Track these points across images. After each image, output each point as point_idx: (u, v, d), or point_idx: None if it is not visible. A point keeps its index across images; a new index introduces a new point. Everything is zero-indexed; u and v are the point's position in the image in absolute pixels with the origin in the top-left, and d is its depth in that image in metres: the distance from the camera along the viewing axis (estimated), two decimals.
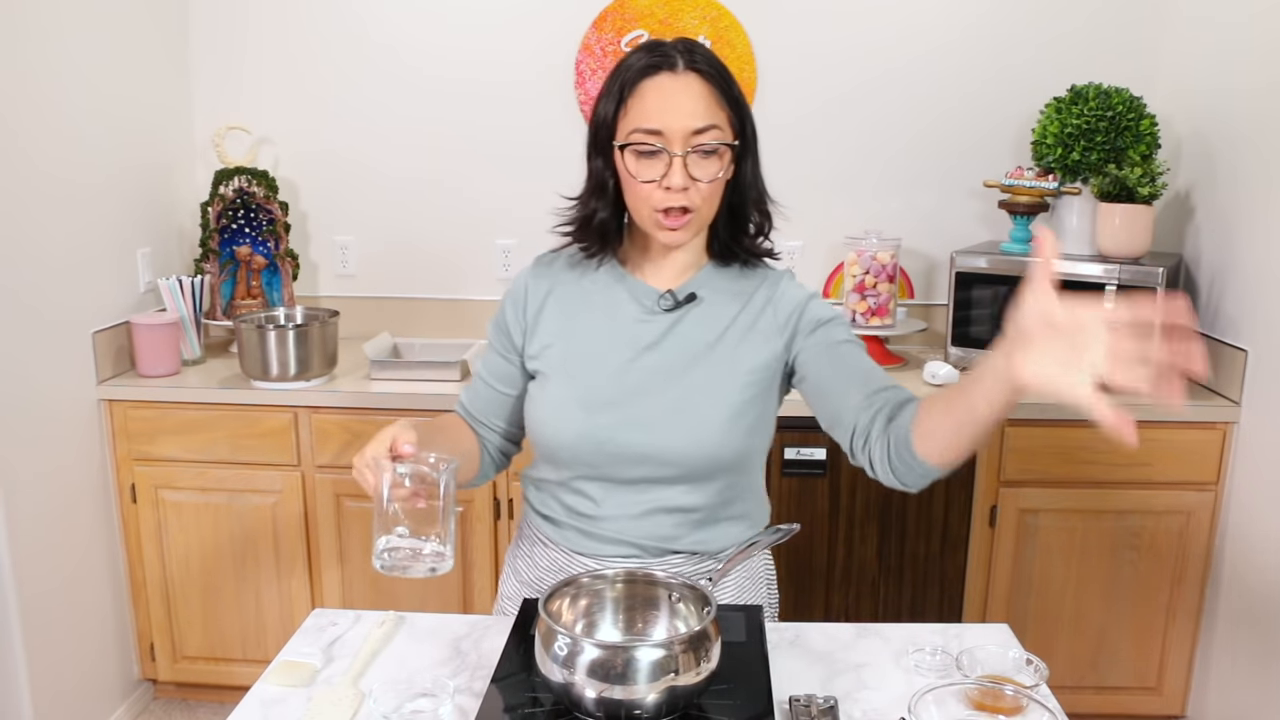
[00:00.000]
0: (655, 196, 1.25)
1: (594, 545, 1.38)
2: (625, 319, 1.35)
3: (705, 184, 1.26)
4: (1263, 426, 2.29)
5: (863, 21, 2.81)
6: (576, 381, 1.34)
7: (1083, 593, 2.48)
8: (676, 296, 1.35)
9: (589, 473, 1.35)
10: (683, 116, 1.23)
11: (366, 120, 2.94)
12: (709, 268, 1.38)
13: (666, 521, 1.35)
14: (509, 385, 1.43)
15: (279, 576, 2.58)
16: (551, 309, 1.39)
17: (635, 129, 1.25)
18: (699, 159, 1.25)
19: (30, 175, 2.27)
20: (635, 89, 1.25)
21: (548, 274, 1.41)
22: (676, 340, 1.34)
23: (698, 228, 1.31)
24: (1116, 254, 2.44)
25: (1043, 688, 1.22)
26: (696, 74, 1.25)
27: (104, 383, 2.52)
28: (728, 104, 1.27)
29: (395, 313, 3.03)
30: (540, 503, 1.44)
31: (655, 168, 1.25)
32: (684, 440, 1.30)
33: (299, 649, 1.34)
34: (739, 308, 1.35)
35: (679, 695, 1.09)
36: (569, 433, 1.33)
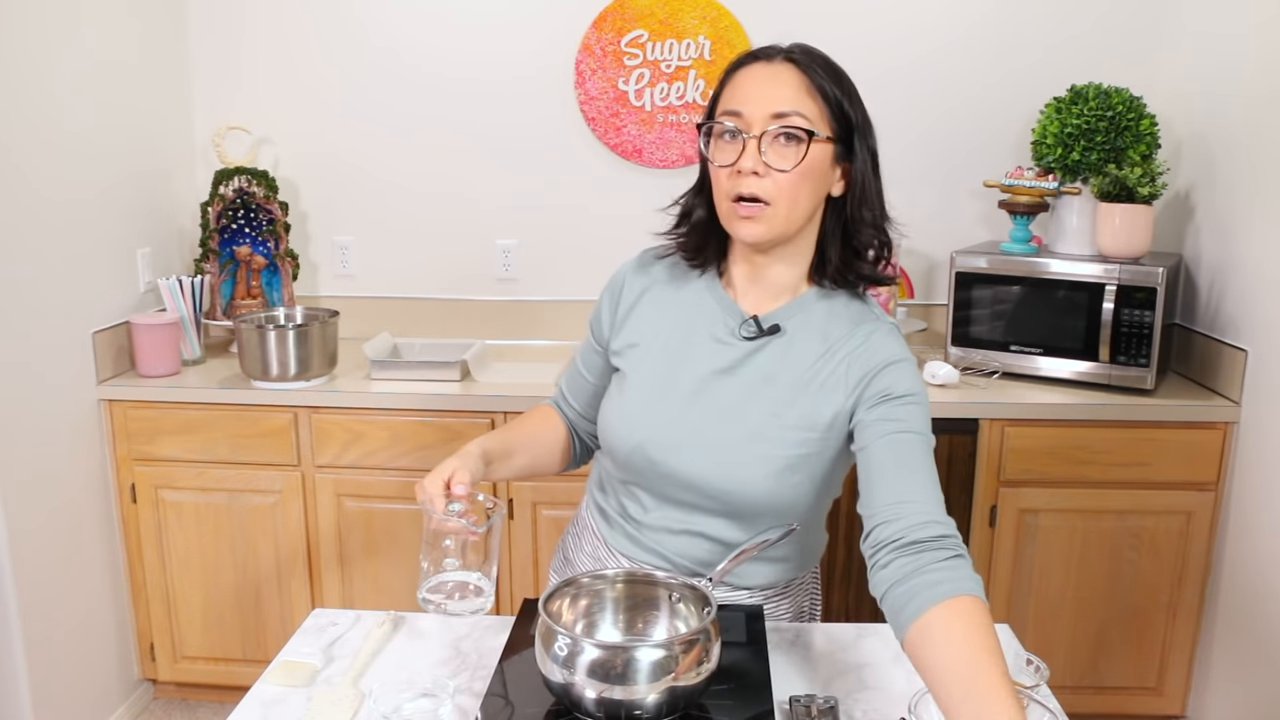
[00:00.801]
0: (729, 183, 1.21)
1: (635, 550, 1.38)
2: (706, 336, 1.30)
3: (781, 174, 1.19)
4: (1263, 426, 2.29)
5: (863, 22, 2.81)
6: (645, 392, 1.31)
7: (1083, 593, 2.48)
8: (760, 324, 1.28)
9: (641, 481, 1.34)
10: (764, 100, 1.19)
11: (367, 120, 2.94)
12: (807, 295, 1.29)
13: (704, 546, 1.32)
14: (595, 375, 1.44)
15: (279, 576, 2.58)
16: (643, 308, 1.35)
17: (721, 110, 1.23)
18: (778, 145, 1.19)
19: (30, 176, 2.27)
20: (730, 77, 1.24)
21: (648, 272, 1.38)
22: (749, 372, 1.27)
23: (776, 226, 1.21)
24: (1116, 254, 2.44)
25: (1043, 688, 1.22)
26: (791, 64, 1.21)
27: (104, 383, 2.52)
28: (823, 99, 1.21)
29: (395, 313, 3.03)
30: (601, 497, 1.44)
31: (732, 150, 1.21)
32: (730, 483, 1.26)
33: (299, 649, 1.34)
34: (822, 351, 1.26)
35: (679, 695, 1.09)
36: (628, 442, 1.31)
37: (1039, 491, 2.42)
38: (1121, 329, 2.42)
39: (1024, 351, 2.54)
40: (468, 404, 2.44)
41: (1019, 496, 2.42)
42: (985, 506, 2.44)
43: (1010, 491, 2.42)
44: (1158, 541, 2.44)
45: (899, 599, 1.05)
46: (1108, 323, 2.43)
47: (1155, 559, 2.45)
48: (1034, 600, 2.48)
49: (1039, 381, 2.53)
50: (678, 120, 2.86)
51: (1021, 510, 2.43)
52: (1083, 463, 2.39)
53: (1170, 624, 2.49)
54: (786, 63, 1.21)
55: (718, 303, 1.31)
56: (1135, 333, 2.41)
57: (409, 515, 2.52)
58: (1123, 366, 2.43)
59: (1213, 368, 2.48)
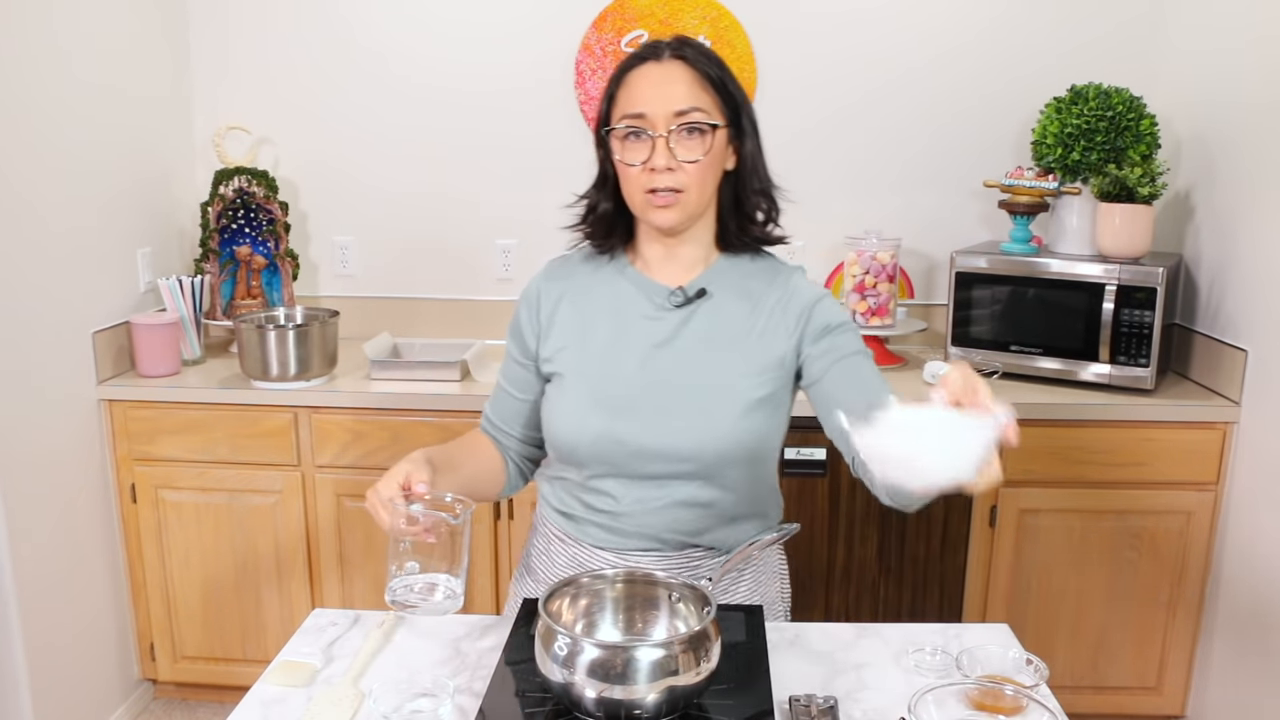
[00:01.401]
0: (642, 179, 1.29)
1: (617, 540, 1.39)
2: (636, 317, 1.36)
3: (690, 165, 1.28)
4: (1263, 426, 2.29)
5: (863, 23, 2.81)
6: (592, 382, 1.36)
7: (1083, 592, 2.48)
8: (687, 293, 1.36)
9: (608, 470, 1.36)
10: (664, 99, 1.27)
11: (367, 120, 2.94)
12: (719, 263, 1.38)
13: (686, 516, 1.36)
14: (526, 391, 1.45)
15: (279, 576, 2.58)
16: (565, 311, 1.40)
17: (622, 115, 1.29)
18: (682, 139, 1.27)
19: (30, 176, 2.27)
20: (623, 80, 1.31)
21: (560, 276, 1.43)
22: (688, 337, 1.35)
23: (689, 210, 1.31)
24: (1116, 254, 2.44)
25: (1043, 688, 1.22)
26: (681, 60, 1.29)
27: (104, 383, 2.52)
28: (715, 90, 1.30)
29: (395, 313, 3.03)
30: (558, 501, 1.44)
31: (641, 150, 1.28)
32: (699, 436, 1.31)
33: (299, 649, 1.34)
34: (750, 304, 1.36)
35: (679, 695, 1.09)
36: (588, 433, 1.34)
37: (1039, 491, 2.42)
38: (1121, 329, 2.42)
39: (1024, 351, 2.54)
40: (468, 404, 2.44)
41: (1019, 496, 2.42)
42: (985, 506, 2.44)
43: (1010, 491, 2.42)
44: (1158, 541, 2.44)
45: None
46: (1108, 323, 2.43)
47: (1155, 559, 2.45)
48: (1034, 600, 2.48)
49: (1039, 381, 2.53)
50: None
51: (1021, 510, 2.43)
52: (1083, 463, 2.39)
53: (1170, 624, 2.49)
54: (675, 60, 1.29)
55: (636, 285, 1.38)
56: (1135, 333, 2.41)
57: None
58: (1123, 366, 2.43)
59: (1213, 368, 2.48)
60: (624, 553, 1.38)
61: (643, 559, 1.38)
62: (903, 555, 2.48)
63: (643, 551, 1.38)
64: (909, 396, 1.63)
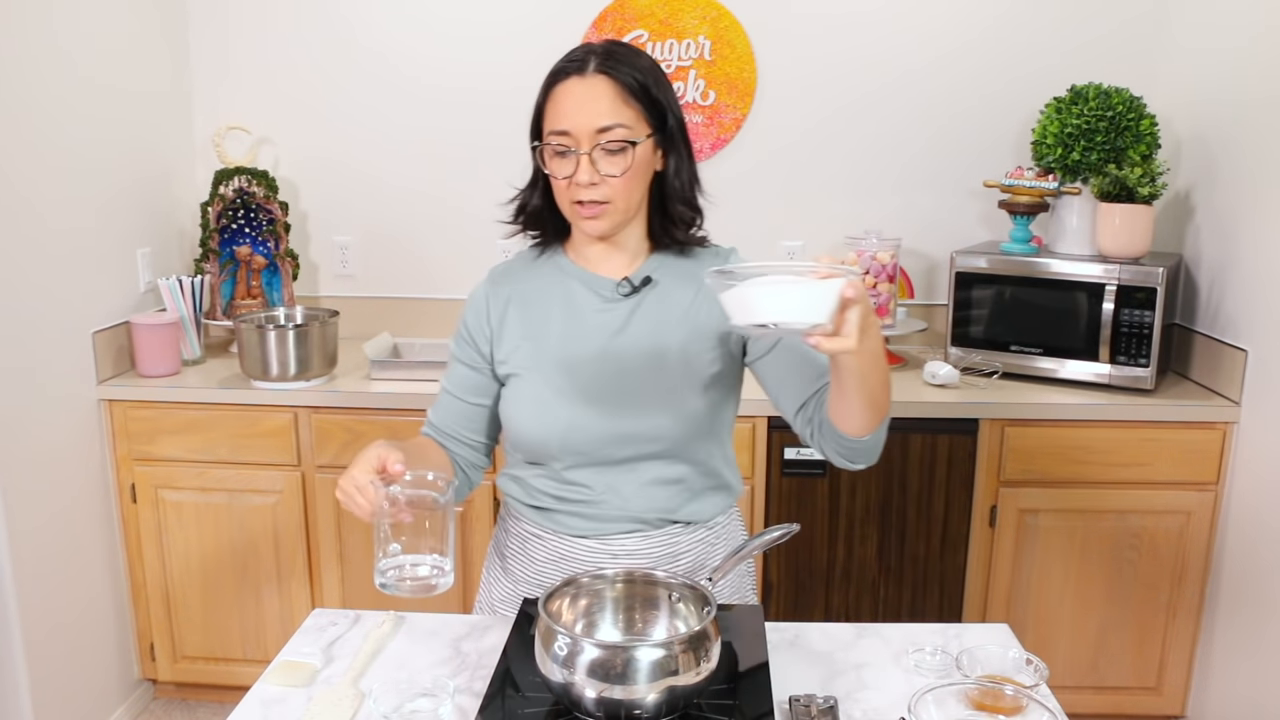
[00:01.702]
0: (570, 191, 1.33)
1: (597, 526, 1.40)
2: (588, 310, 1.40)
3: (615, 179, 1.31)
4: (1263, 426, 2.29)
5: (863, 23, 2.81)
6: (553, 377, 1.38)
7: (1083, 593, 2.48)
8: (633, 282, 1.40)
9: (579, 461, 1.38)
10: (587, 117, 1.29)
11: (367, 120, 2.94)
12: (656, 255, 1.43)
13: (661, 494, 1.39)
14: (481, 396, 1.45)
15: (279, 576, 2.58)
16: (514, 313, 1.43)
17: (549, 131, 1.33)
18: (606, 155, 1.30)
19: (30, 176, 2.27)
20: (551, 92, 1.34)
21: (504, 281, 1.46)
22: (641, 323, 1.39)
23: (617, 218, 1.35)
24: (1116, 254, 2.44)
25: (1043, 688, 1.22)
26: (605, 75, 1.31)
27: (104, 383, 2.52)
28: (639, 102, 1.32)
29: (395, 313, 3.03)
30: (530, 498, 1.45)
31: (567, 165, 1.32)
32: (666, 416, 1.36)
33: (299, 649, 1.34)
34: (694, 288, 1.40)
35: (679, 695, 1.09)
36: (557, 426, 1.37)
37: (1039, 491, 2.42)
38: (1121, 329, 2.42)
39: (1024, 351, 2.54)
40: None
41: (1019, 496, 2.42)
42: (985, 506, 2.44)
43: (1010, 491, 2.42)
44: (1158, 541, 2.44)
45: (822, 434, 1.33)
46: (1108, 323, 2.43)
47: (1155, 559, 2.45)
48: (1034, 600, 2.48)
49: (1039, 381, 2.53)
50: None
51: (1021, 510, 2.43)
52: (1083, 463, 2.39)
53: (1170, 624, 2.49)
54: (599, 74, 1.31)
55: (582, 281, 1.42)
56: (1135, 333, 2.41)
57: None
58: (1123, 366, 2.43)
59: (1213, 368, 2.48)
60: (606, 539, 1.40)
61: (626, 541, 1.40)
62: (903, 555, 2.48)
63: (625, 534, 1.40)
64: (908, 396, 1.67)
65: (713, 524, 1.45)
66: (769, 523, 2.46)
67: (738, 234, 2.98)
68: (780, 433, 2.42)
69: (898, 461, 2.41)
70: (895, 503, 2.44)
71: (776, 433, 2.42)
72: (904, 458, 2.41)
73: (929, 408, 2.38)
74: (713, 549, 1.46)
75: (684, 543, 1.42)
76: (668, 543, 1.41)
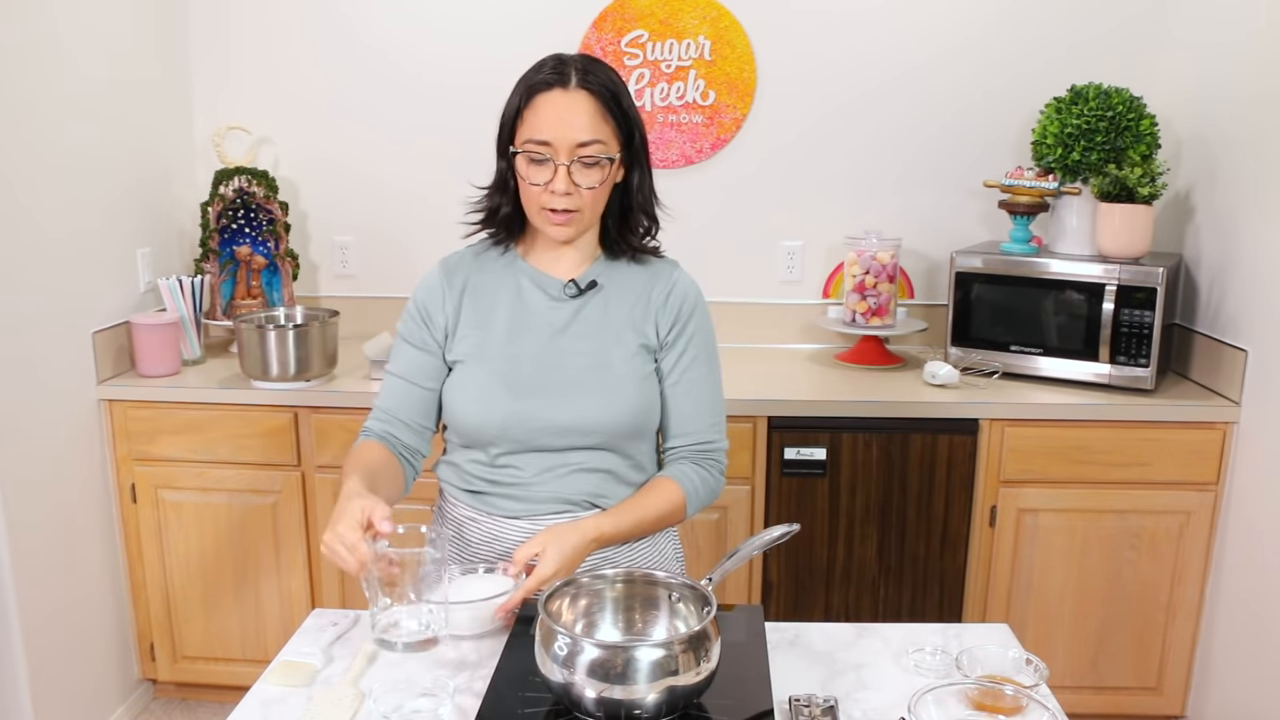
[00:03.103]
0: (543, 198, 1.40)
1: (528, 507, 1.47)
2: (535, 306, 1.48)
3: (587, 190, 1.39)
4: (1263, 426, 2.29)
5: (863, 22, 2.81)
6: (498, 367, 1.45)
7: (1083, 593, 2.48)
8: (579, 284, 1.48)
9: (516, 448, 1.45)
10: (569, 130, 1.36)
11: (366, 121, 2.94)
12: (603, 259, 1.51)
13: (589, 479, 1.47)
14: (431, 379, 1.51)
15: (279, 576, 2.58)
16: (467, 302, 1.50)
17: (528, 139, 1.38)
18: (582, 168, 1.38)
19: (30, 176, 2.27)
20: (531, 102, 1.39)
21: (458, 270, 1.53)
22: (584, 323, 1.47)
23: (583, 226, 1.44)
24: (1116, 254, 2.44)
25: (1043, 688, 1.22)
26: (586, 91, 1.38)
27: (104, 383, 2.52)
28: (614, 119, 1.40)
29: (395, 313, 3.01)
30: (464, 481, 1.51)
31: (544, 173, 1.38)
32: (604, 411, 1.44)
33: (299, 649, 1.34)
34: (637, 293, 1.50)
35: (679, 695, 1.09)
36: (497, 414, 1.43)
37: (1039, 491, 2.42)
38: (1121, 329, 2.42)
39: (1024, 351, 2.54)
40: None
41: (1019, 496, 2.42)
42: (985, 506, 2.44)
43: (1010, 491, 2.43)
44: (1158, 541, 2.44)
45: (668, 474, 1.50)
46: (1108, 323, 2.43)
47: (1155, 559, 2.45)
48: (1034, 600, 2.48)
49: (1039, 381, 2.53)
50: (678, 120, 2.86)
51: (1021, 510, 2.43)
52: (1083, 463, 2.39)
53: (1170, 624, 2.49)
54: (581, 90, 1.37)
55: (532, 279, 1.50)
56: (1135, 333, 2.41)
57: (409, 515, 2.51)
58: (1123, 366, 2.43)
59: (1213, 368, 2.48)
60: (535, 519, 1.46)
61: (554, 520, 1.45)
62: (903, 555, 2.48)
63: (553, 514, 1.46)
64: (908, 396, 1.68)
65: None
66: (769, 523, 2.46)
67: (738, 234, 2.99)
68: (780, 433, 2.42)
69: (898, 461, 2.41)
70: (895, 503, 2.44)
71: (776, 433, 2.42)
72: (904, 458, 2.41)
73: (929, 408, 2.38)
74: (636, 544, 1.53)
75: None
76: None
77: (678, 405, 1.50)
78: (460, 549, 1.52)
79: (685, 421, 1.51)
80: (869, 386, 2.52)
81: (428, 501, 1.66)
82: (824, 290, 2.94)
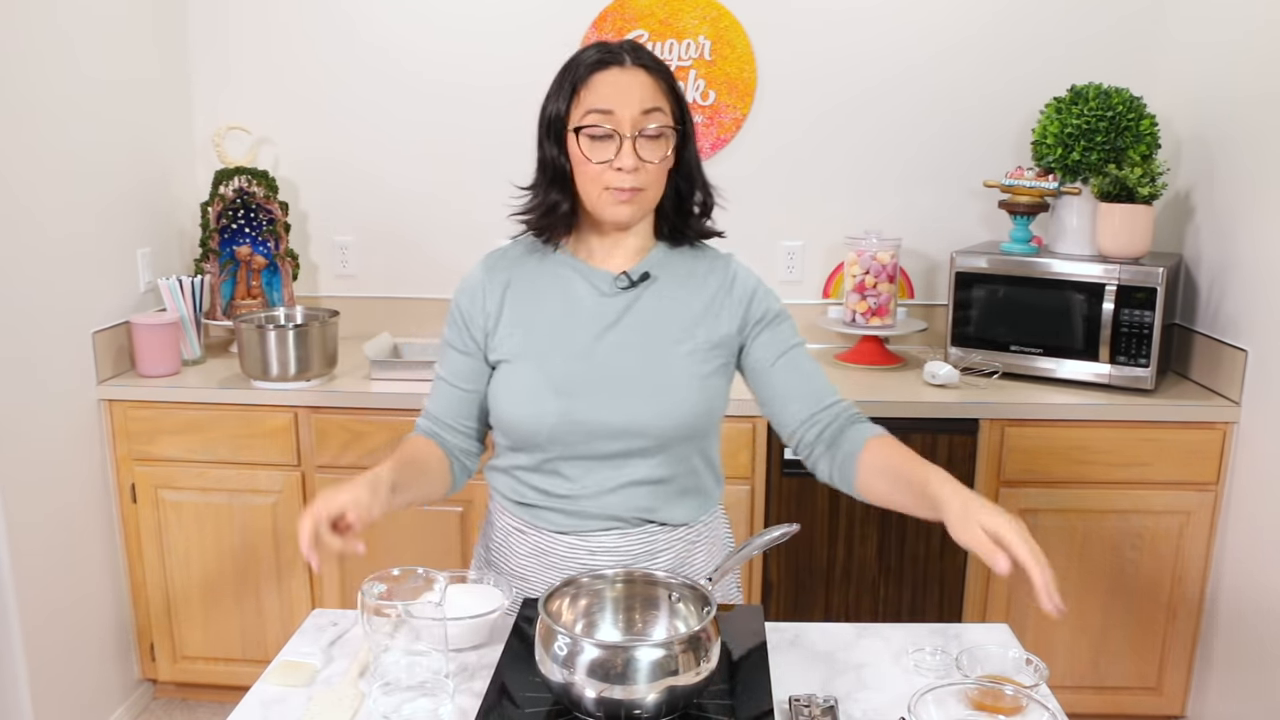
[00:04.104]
0: (607, 176, 1.34)
1: (576, 522, 1.41)
2: (583, 301, 1.41)
3: (652, 165, 1.35)
4: (1263, 426, 2.29)
5: (863, 23, 2.81)
6: (545, 365, 1.39)
7: (1083, 593, 2.48)
8: (631, 277, 1.41)
9: (565, 452, 1.39)
10: (632, 101, 1.33)
11: (366, 121, 2.94)
12: (658, 250, 1.45)
13: (641, 493, 1.40)
14: (475, 382, 1.46)
15: (279, 576, 2.58)
16: (511, 299, 1.44)
17: (590, 109, 1.34)
18: (646, 142, 1.34)
19: (30, 176, 2.27)
20: (587, 82, 1.35)
21: (501, 267, 1.47)
22: (636, 318, 1.41)
23: (645, 207, 1.39)
24: (1116, 254, 2.44)
25: (1043, 688, 1.22)
26: (643, 68, 1.35)
27: (104, 383, 2.52)
28: (670, 96, 1.37)
29: (395, 313, 3.03)
30: (513, 492, 1.46)
31: (607, 149, 1.33)
32: (655, 412, 1.37)
33: (299, 649, 1.34)
34: (693, 286, 1.44)
35: (679, 695, 1.09)
36: (546, 415, 1.37)
37: (1039, 491, 2.42)
38: (1121, 329, 2.42)
39: (1024, 351, 2.54)
40: None
41: (1019, 496, 2.42)
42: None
43: (1010, 491, 2.42)
44: (1158, 541, 2.44)
45: (839, 476, 1.38)
46: (1108, 323, 2.43)
47: (1155, 559, 2.45)
48: (1034, 600, 2.48)
49: (1039, 381, 2.53)
50: None
51: (1021, 510, 2.43)
52: (1083, 463, 2.39)
53: (1170, 624, 2.49)
54: (637, 67, 1.35)
55: (580, 273, 1.43)
56: (1135, 333, 2.41)
57: (409, 515, 2.52)
58: (1123, 366, 2.43)
59: (1213, 368, 2.48)
60: (585, 534, 1.41)
61: (604, 538, 1.40)
62: (903, 555, 2.48)
63: (603, 531, 1.41)
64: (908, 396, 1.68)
65: (693, 524, 1.46)
66: (769, 523, 2.46)
67: (739, 235, 2.98)
68: None
69: None
70: None
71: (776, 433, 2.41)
72: None
73: (929, 408, 2.38)
74: (693, 548, 1.46)
75: (661, 542, 1.43)
76: (645, 541, 1.42)
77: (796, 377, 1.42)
78: (506, 559, 1.48)
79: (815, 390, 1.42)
80: (869, 386, 2.52)
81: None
82: (824, 290, 2.94)
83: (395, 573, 1.25)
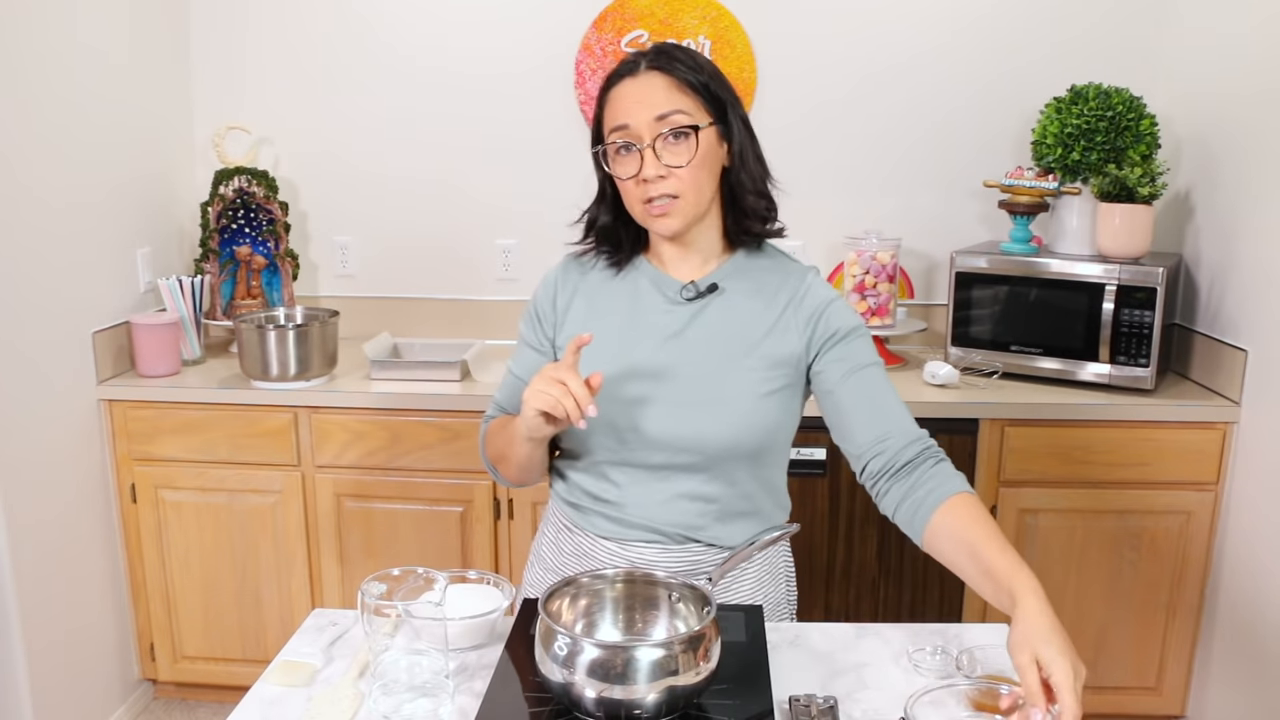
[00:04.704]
0: (639, 190, 1.32)
1: (619, 530, 1.40)
2: (649, 309, 1.39)
3: (682, 170, 1.30)
4: (1263, 426, 2.29)
5: (863, 22, 2.81)
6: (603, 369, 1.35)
7: (1083, 593, 2.48)
8: (698, 287, 1.38)
9: (612, 457, 1.38)
10: (644, 108, 1.30)
11: (367, 121, 2.94)
12: (734, 260, 1.41)
13: (689, 509, 1.37)
14: None
15: (279, 576, 2.58)
16: (579, 302, 1.44)
17: (609, 129, 1.33)
18: (669, 146, 1.30)
19: (30, 176, 2.27)
20: (607, 98, 1.34)
21: (577, 268, 1.47)
22: (700, 330, 1.37)
23: (687, 214, 1.33)
24: (1116, 254, 2.44)
25: None
26: (657, 70, 1.32)
27: (104, 383, 2.52)
28: (696, 92, 1.32)
29: (395, 313, 3.03)
30: (566, 490, 1.46)
31: (632, 163, 1.31)
32: (705, 427, 1.33)
33: (299, 649, 1.34)
34: (763, 300, 1.38)
35: (679, 695, 1.09)
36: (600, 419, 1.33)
37: (1039, 491, 2.42)
38: (1121, 329, 2.42)
39: (1024, 351, 2.54)
40: (468, 404, 2.44)
41: (1019, 496, 2.42)
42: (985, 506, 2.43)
43: (1010, 491, 2.42)
44: (1158, 541, 2.44)
45: (907, 513, 1.30)
46: (1108, 323, 2.43)
47: (1155, 559, 2.45)
48: None
49: (1039, 381, 2.53)
50: None
51: (1021, 510, 2.43)
52: (1083, 463, 2.39)
53: (1170, 624, 2.49)
54: (651, 71, 1.32)
55: (650, 279, 1.41)
56: (1135, 333, 2.41)
57: (409, 515, 2.52)
58: (1123, 366, 2.43)
59: (1213, 368, 2.48)
60: (626, 544, 1.40)
61: (645, 550, 1.39)
62: (903, 555, 2.48)
63: (645, 543, 1.39)
64: (908, 396, 1.70)
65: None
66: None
67: None
68: None
69: None
70: None
71: None
72: None
73: (929, 408, 2.38)
74: (742, 574, 1.44)
75: (706, 562, 1.39)
76: (688, 559, 1.39)
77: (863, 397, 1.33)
78: (554, 554, 1.48)
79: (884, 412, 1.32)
80: None
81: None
82: None
83: (395, 573, 1.25)
